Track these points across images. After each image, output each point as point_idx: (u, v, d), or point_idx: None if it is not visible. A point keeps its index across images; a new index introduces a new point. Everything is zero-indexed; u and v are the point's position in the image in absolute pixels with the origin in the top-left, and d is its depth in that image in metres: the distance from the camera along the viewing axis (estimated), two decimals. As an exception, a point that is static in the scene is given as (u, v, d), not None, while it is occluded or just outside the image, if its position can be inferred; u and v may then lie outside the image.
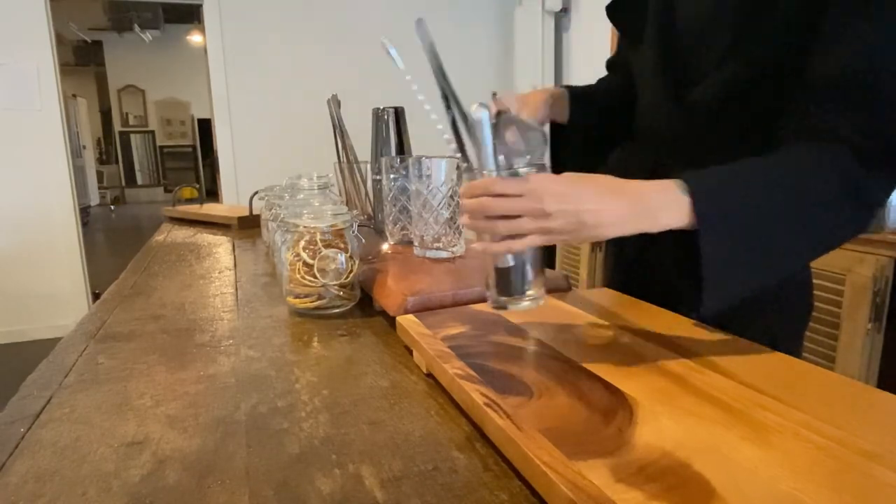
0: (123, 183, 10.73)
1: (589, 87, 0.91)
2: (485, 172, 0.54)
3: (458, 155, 0.59)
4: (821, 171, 0.54)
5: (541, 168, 0.54)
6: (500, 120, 0.55)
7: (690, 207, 0.50)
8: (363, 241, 0.81)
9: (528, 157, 0.56)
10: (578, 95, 0.86)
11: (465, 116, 0.57)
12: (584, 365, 0.51)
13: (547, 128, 0.62)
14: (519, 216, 0.51)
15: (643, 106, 0.79)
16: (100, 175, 10.13)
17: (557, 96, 0.83)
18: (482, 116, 0.53)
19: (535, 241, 0.52)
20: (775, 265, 0.54)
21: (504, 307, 0.57)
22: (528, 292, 0.56)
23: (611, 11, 0.81)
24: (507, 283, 0.56)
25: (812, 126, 0.57)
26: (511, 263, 0.55)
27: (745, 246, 0.52)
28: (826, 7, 0.56)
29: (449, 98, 0.58)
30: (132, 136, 10.69)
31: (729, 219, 0.51)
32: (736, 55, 0.63)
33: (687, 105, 0.70)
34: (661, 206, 0.51)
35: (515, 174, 0.53)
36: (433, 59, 0.60)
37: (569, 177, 0.52)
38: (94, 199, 9.59)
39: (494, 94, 0.55)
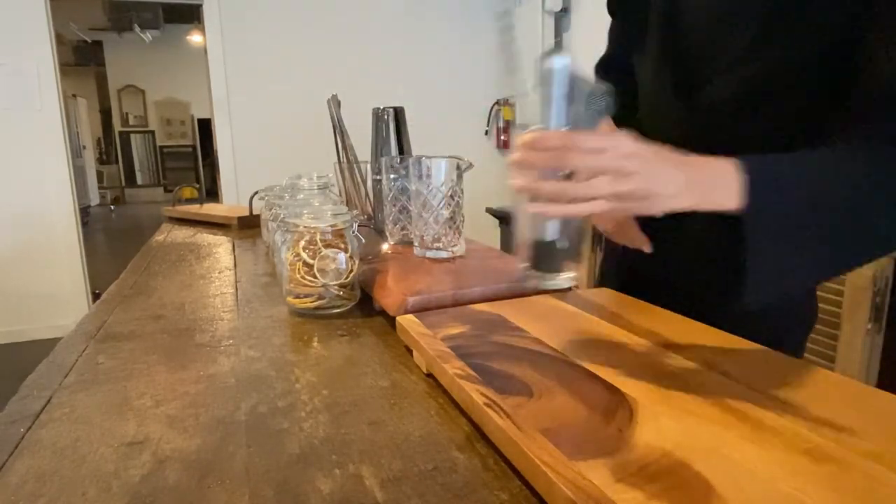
0: (123, 183, 10.74)
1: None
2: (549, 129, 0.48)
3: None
4: (884, 174, 0.50)
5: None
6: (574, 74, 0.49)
7: (743, 191, 0.48)
8: (363, 241, 0.81)
9: (587, 115, 0.50)
10: None
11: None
12: (584, 365, 0.51)
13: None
14: (591, 177, 0.46)
15: (645, 109, 0.76)
16: (100, 175, 10.13)
17: None
18: (560, 65, 0.48)
19: (602, 206, 0.47)
20: (824, 262, 0.51)
21: (538, 283, 0.53)
22: (567, 269, 0.53)
23: (612, 6, 0.79)
24: (547, 256, 0.52)
25: (873, 129, 0.54)
26: (556, 237, 0.50)
27: (794, 235, 0.49)
28: (870, 4, 0.52)
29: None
30: (132, 136, 10.70)
31: (780, 203, 0.49)
32: (760, 51, 0.59)
33: (696, 107, 0.66)
34: (716, 183, 0.49)
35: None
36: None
37: (642, 142, 0.48)
38: (94, 199, 9.59)
39: (559, 41, 0.50)
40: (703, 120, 0.66)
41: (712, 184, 0.49)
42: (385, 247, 1.02)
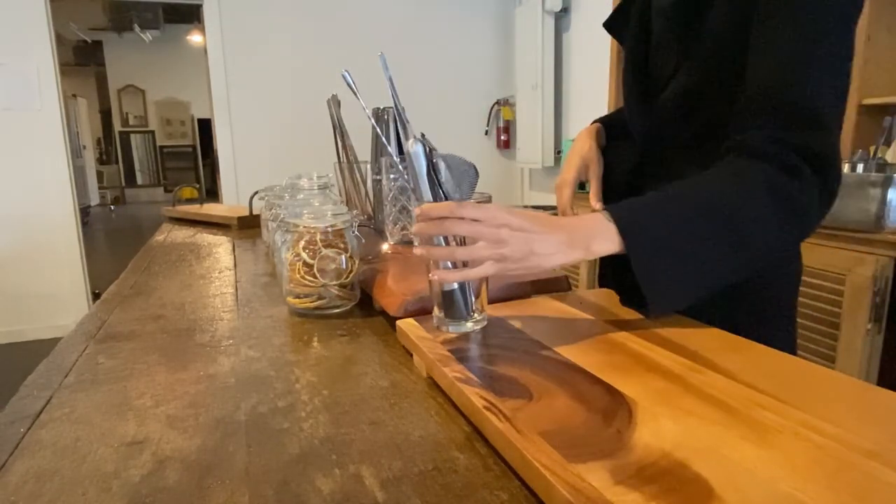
0: (123, 183, 10.73)
1: (619, 111, 0.96)
2: (421, 202, 0.59)
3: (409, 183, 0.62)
4: (747, 185, 0.57)
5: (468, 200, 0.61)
6: (434, 155, 0.60)
7: (617, 234, 0.55)
8: (363, 241, 0.81)
9: (459, 189, 0.61)
10: (609, 125, 0.92)
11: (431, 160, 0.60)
12: (584, 366, 0.51)
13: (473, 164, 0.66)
14: (474, 243, 0.55)
15: (625, 107, 0.85)
16: (100, 175, 10.13)
17: (598, 132, 0.89)
18: (418, 150, 0.59)
19: (489, 269, 0.55)
20: (713, 277, 0.58)
21: (451, 328, 0.61)
22: (473, 315, 0.61)
23: (608, 26, 0.88)
24: (453, 306, 0.61)
25: (739, 142, 0.61)
26: (455, 287, 0.60)
27: (675, 263, 0.56)
28: (750, 26, 0.61)
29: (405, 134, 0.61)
30: (132, 136, 10.69)
31: (653, 240, 0.56)
32: (682, 72, 0.69)
33: (655, 108, 0.75)
34: (593, 235, 0.56)
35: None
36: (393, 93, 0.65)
37: (519, 210, 0.56)
38: (94, 199, 9.59)
39: (423, 135, 0.60)
40: (660, 120, 0.75)
41: (591, 237, 0.56)
42: (385, 247, 1.02)
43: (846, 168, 1.75)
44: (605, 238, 0.56)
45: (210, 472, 0.41)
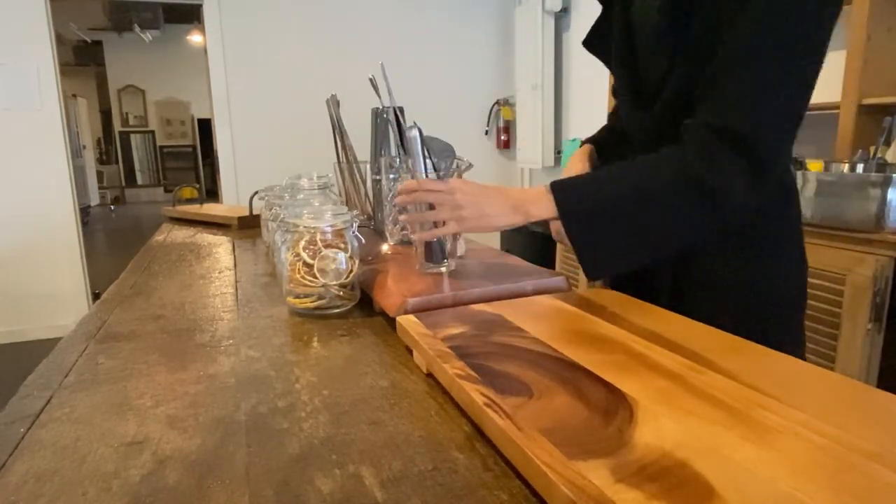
0: (123, 183, 10.72)
1: (607, 131, 0.98)
2: (416, 175, 0.77)
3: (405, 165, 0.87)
4: (657, 167, 0.65)
5: (449, 174, 0.81)
6: (424, 138, 0.77)
7: (553, 203, 0.66)
8: (363, 241, 0.81)
9: (444, 165, 0.80)
10: (599, 145, 0.95)
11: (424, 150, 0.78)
12: (584, 365, 0.51)
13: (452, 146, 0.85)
14: (439, 208, 0.71)
15: (623, 116, 0.87)
16: (100, 175, 10.12)
17: (589, 155, 0.94)
18: (415, 134, 0.76)
19: (452, 227, 0.72)
20: (633, 249, 0.66)
21: (429, 270, 0.81)
22: (445, 261, 0.81)
23: (587, 44, 0.89)
24: (432, 255, 0.81)
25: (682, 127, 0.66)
26: (434, 241, 0.80)
27: (599, 233, 0.66)
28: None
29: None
30: (132, 136, 10.68)
31: (580, 207, 0.66)
32: (673, 77, 0.71)
33: (652, 114, 0.76)
34: (532, 201, 0.68)
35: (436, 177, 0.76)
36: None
37: (472, 182, 0.72)
38: (94, 199, 9.58)
39: (415, 122, 0.78)
40: (658, 125, 0.77)
41: (531, 203, 0.68)
42: (385, 247, 1.02)
43: (846, 168, 1.75)
44: (543, 206, 0.67)
45: (210, 472, 0.41)
